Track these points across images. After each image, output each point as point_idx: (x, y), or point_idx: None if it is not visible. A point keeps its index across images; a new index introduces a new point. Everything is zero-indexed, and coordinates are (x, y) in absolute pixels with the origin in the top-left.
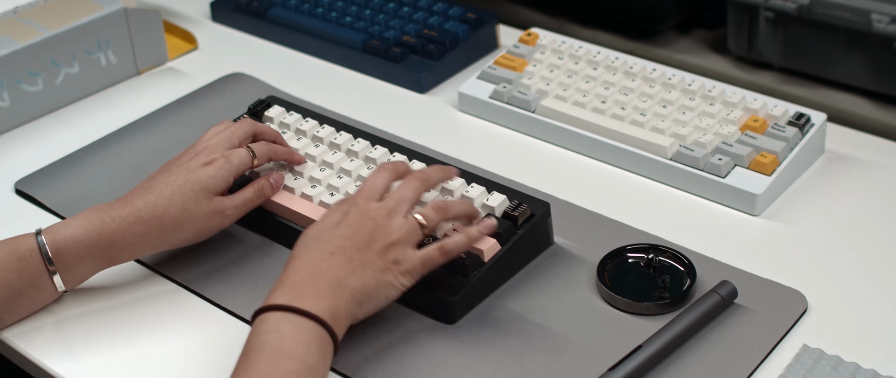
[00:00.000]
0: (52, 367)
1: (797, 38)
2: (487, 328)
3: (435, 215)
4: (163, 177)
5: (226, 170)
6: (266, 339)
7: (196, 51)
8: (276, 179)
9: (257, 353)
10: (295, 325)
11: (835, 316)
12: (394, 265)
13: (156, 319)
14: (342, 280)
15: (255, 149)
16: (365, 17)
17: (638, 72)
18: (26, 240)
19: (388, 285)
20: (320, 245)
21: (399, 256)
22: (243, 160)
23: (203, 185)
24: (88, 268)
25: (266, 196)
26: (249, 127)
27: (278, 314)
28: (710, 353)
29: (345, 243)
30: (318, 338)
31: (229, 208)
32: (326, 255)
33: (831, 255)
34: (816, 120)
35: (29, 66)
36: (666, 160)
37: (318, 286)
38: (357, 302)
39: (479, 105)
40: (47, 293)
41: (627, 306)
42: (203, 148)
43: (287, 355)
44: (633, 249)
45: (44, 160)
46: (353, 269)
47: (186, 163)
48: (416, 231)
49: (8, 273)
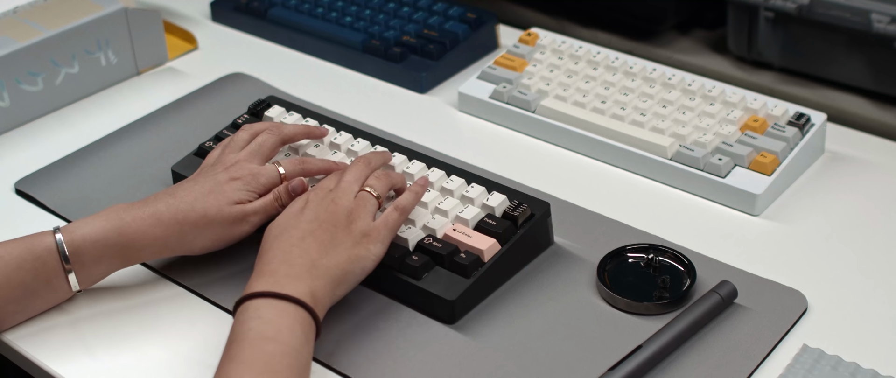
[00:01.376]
0: (56, 370)
1: (797, 38)
2: (487, 328)
3: (379, 182)
4: (189, 184)
5: (253, 186)
6: (249, 325)
7: (196, 51)
8: (294, 187)
9: (241, 339)
10: (276, 309)
11: (835, 316)
12: (362, 238)
13: (163, 323)
14: (316, 261)
15: (284, 165)
16: (365, 17)
17: (638, 72)
18: (44, 238)
19: (360, 258)
20: (289, 233)
21: (363, 227)
22: (271, 179)
23: (227, 196)
24: (105, 267)
25: (284, 203)
26: (277, 137)
27: (259, 301)
28: (710, 353)
29: (312, 227)
30: (300, 319)
31: (251, 215)
32: (296, 241)
33: (831, 255)
34: (816, 120)
35: (29, 66)
36: (666, 160)
37: (294, 270)
38: (335, 281)
39: (479, 105)
40: (61, 292)
41: (627, 306)
42: (231, 163)
43: (271, 338)
44: (633, 249)
45: (44, 160)
46: (325, 250)
47: (214, 175)
48: (370, 200)
49: (24, 273)
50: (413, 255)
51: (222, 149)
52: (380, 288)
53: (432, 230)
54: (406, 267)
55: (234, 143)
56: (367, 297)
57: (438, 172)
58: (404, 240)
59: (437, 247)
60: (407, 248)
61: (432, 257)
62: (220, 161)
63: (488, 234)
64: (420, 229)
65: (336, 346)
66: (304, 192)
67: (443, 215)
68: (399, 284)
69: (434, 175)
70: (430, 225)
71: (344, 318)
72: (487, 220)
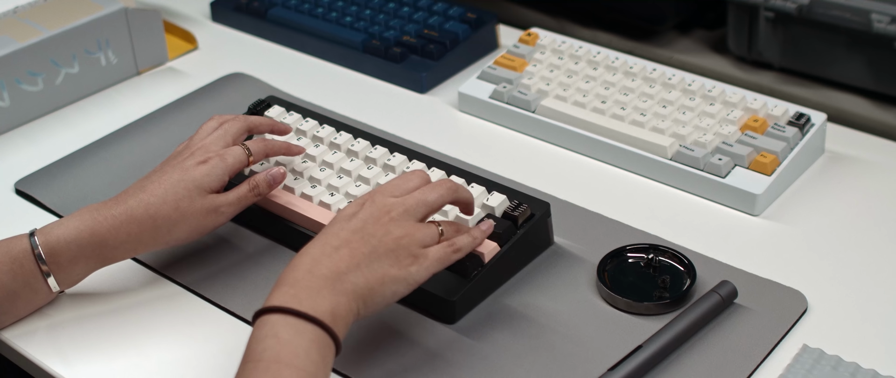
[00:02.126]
0: (56, 370)
1: (797, 38)
2: (487, 328)
3: (450, 229)
4: (157, 176)
5: (220, 168)
6: (265, 345)
7: (196, 51)
8: (273, 176)
9: (257, 361)
10: (293, 329)
11: (835, 316)
12: (407, 260)
13: (157, 321)
14: (342, 275)
15: (250, 146)
16: (365, 17)
17: (638, 72)
18: (20, 240)
19: (396, 280)
20: (327, 239)
21: (413, 252)
22: (238, 158)
23: (197, 183)
24: (82, 268)
25: (262, 192)
26: (243, 123)
27: (276, 317)
28: (710, 353)
29: (352, 237)
30: (318, 340)
31: (224, 205)
32: (330, 250)
33: (831, 255)
34: (816, 120)
35: (29, 66)
36: (666, 160)
37: (316, 283)
38: (360, 298)
39: (479, 105)
40: (43, 294)
41: (627, 306)
42: (198, 147)
43: (287, 364)
44: (633, 249)
45: (44, 160)
46: (356, 263)
47: (181, 162)
48: (432, 235)
49: (2, 275)
50: None
51: (190, 138)
52: None
53: None
54: None
55: (201, 130)
56: None
57: (438, 172)
58: None
59: None
60: None
61: None
62: (187, 148)
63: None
64: None
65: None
66: (282, 181)
67: (443, 215)
68: None
69: (434, 175)
70: None
71: None
72: (488, 220)
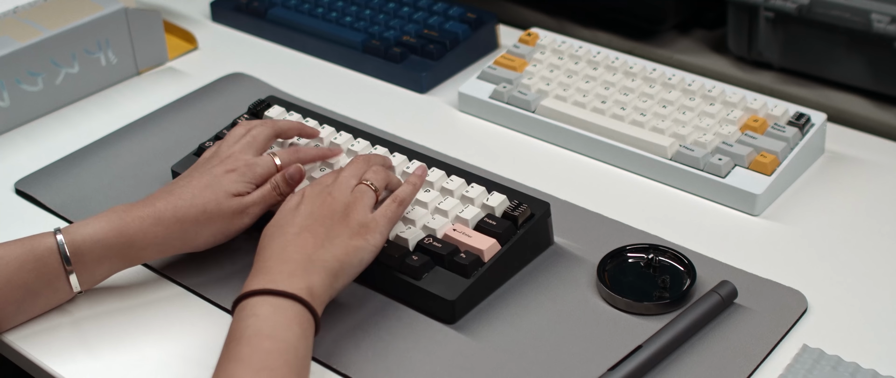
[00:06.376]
0: (56, 370)
1: (797, 38)
2: (487, 328)
3: (376, 176)
4: (185, 181)
5: (249, 176)
6: (246, 323)
7: (196, 51)
8: (291, 174)
9: (239, 337)
10: (273, 307)
11: (835, 316)
12: (360, 229)
13: (163, 323)
14: (312, 256)
15: (279, 155)
16: (365, 17)
17: (638, 72)
18: (44, 239)
19: (358, 249)
20: (284, 230)
21: (361, 219)
22: (267, 168)
23: (225, 189)
24: (106, 268)
25: (283, 192)
26: (271, 128)
27: (255, 299)
28: (710, 353)
29: (307, 222)
30: (298, 315)
31: (250, 206)
32: (292, 237)
33: (831, 255)
34: (816, 120)
35: (29, 66)
36: (666, 160)
37: (289, 266)
38: (332, 274)
39: (479, 105)
40: (62, 293)
41: (627, 306)
42: (226, 155)
43: (268, 336)
44: (633, 249)
45: (44, 160)
46: (320, 243)
47: (209, 169)
48: (367, 192)
49: (25, 273)
50: (413, 255)
51: (218, 144)
52: (380, 288)
53: (432, 230)
54: (406, 267)
55: (229, 137)
56: (367, 297)
57: (438, 172)
58: (404, 240)
59: (437, 247)
60: (407, 248)
61: (432, 257)
62: (215, 155)
63: (488, 234)
64: (420, 229)
65: (335, 345)
66: (301, 179)
67: (443, 215)
68: (399, 284)
69: (434, 175)
70: (430, 225)
71: (343, 318)
72: (487, 220)
